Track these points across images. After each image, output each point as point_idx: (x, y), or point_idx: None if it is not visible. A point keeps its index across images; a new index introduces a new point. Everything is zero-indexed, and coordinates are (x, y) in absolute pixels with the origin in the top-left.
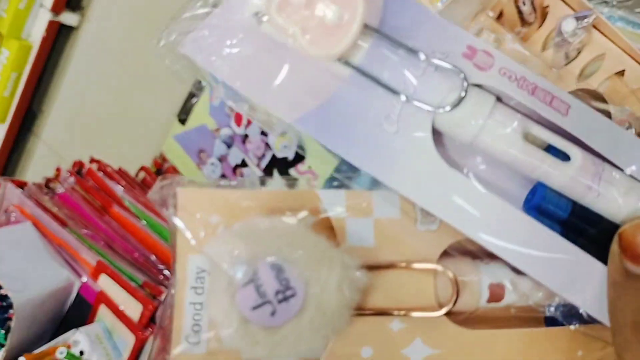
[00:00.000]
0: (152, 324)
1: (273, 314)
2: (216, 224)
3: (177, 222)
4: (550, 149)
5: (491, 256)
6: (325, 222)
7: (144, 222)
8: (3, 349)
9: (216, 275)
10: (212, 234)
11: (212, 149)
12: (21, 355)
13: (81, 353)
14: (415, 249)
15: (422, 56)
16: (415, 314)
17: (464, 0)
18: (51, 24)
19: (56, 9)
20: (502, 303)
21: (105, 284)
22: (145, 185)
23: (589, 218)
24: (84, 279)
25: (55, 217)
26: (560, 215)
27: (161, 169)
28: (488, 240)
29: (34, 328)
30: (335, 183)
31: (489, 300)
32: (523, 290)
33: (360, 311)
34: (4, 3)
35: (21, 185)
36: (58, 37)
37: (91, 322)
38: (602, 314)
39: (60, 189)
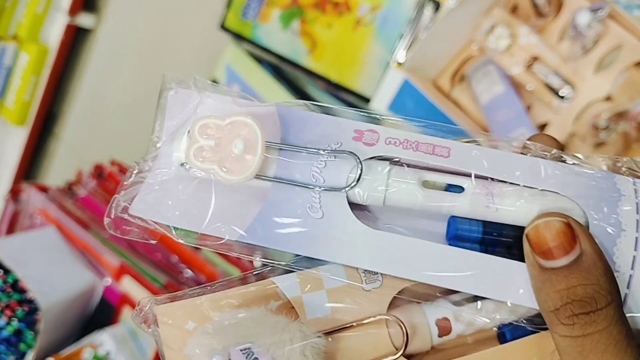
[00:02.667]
0: None
1: None
2: (193, 330)
3: (160, 335)
4: (448, 187)
5: (433, 297)
6: (286, 304)
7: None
8: (33, 350)
9: None
10: (190, 336)
11: None
12: (49, 356)
13: (107, 354)
14: (366, 308)
15: (321, 151)
16: None
17: None
18: (68, 27)
19: (73, 12)
20: (453, 334)
21: (128, 285)
22: None
23: (498, 230)
24: (108, 280)
25: (78, 220)
26: (475, 237)
27: None
28: (425, 277)
29: (61, 330)
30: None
31: (440, 335)
32: (466, 318)
33: None
34: (22, 8)
35: (44, 189)
36: (75, 40)
37: (115, 323)
38: (534, 304)
39: (82, 192)
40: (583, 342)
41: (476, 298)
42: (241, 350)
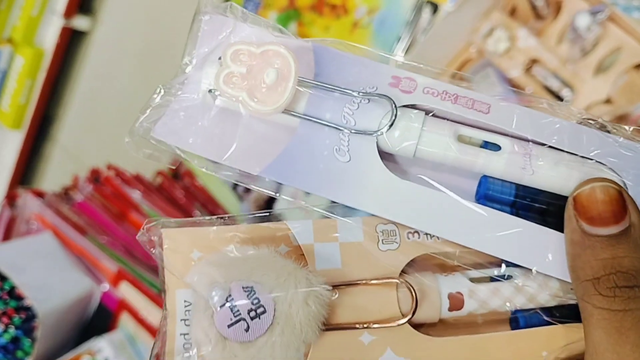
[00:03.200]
0: None
1: (247, 329)
2: (198, 259)
3: (164, 260)
4: (484, 145)
5: (450, 269)
6: (296, 250)
7: None
8: (30, 358)
9: (197, 301)
10: (194, 266)
11: None
12: None
13: None
14: (378, 268)
15: (355, 93)
16: (377, 325)
17: None
18: (64, 30)
19: (68, 14)
20: (464, 311)
21: (126, 290)
22: (162, 190)
23: (532, 195)
24: (105, 286)
25: (75, 225)
26: (507, 199)
27: (177, 172)
28: (448, 233)
29: (58, 336)
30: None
31: (451, 309)
32: (481, 297)
33: (330, 326)
34: (17, 10)
35: (40, 194)
36: (71, 42)
37: (113, 329)
38: (561, 274)
39: (78, 197)
40: (623, 317)
41: (493, 280)
42: (243, 287)
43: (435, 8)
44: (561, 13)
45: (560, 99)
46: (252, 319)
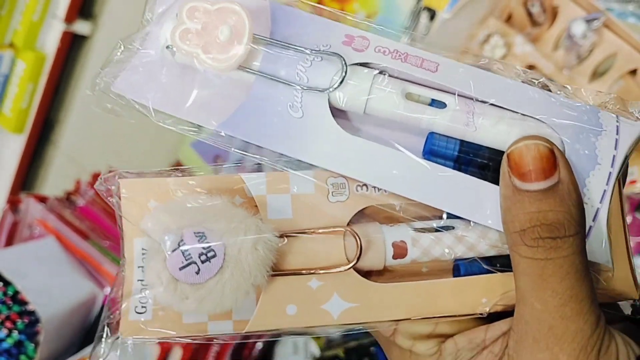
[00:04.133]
0: None
1: (198, 272)
2: (154, 208)
3: (122, 209)
4: (432, 103)
5: (395, 221)
6: (251, 202)
7: None
8: None
9: (151, 246)
10: (149, 213)
11: (227, 154)
12: None
13: None
14: (328, 218)
15: (307, 51)
16: (323, 271)
17: (471, 5)
18: (65, 34)
19: (69, 19)
20: (407, 259)
21: None
22: None
23: (475, 150)
24: (108, 290)
25: (77, 230)
26: (450, 154)
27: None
28: (395, 186)
29: (61, 341)
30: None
31: (395, 257)
32: (424, 245)
33: (279, 271)
34: (18, 15)
35: (43, 199)
36: (72, 47)
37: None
38: (498, 225)
39: (80, 202)
40: (545, 265)
41: (437, 230)
42: (195, 232)
43: (432, 14)
44: (557, 20)
45: None
46: (202, 262)
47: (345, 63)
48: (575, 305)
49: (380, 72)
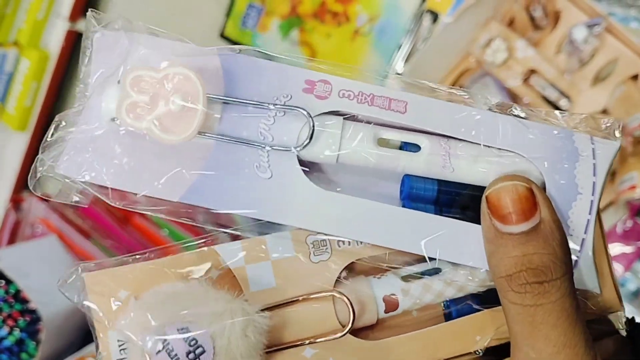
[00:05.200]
0: None
1: None
2: (126, 298)
3: (90, 304)
4: (404, 145)
5: (381, 271)
6: (228, 274)
7: (166, 230)
8: None
9: (131, 348)
10: (123, 308)
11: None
12: None
13: None
14: (313, 280)
15: (271, 106)
16: (319, 340)
17: (473, 9)
18: (69, 33)
19: (73, 18)
20: (399, 310)
21: None
22: None
23: (454, 189)
24: None
25: (79, 229)
26: (430, 195)
27: None
28: (377, 239)
29: (62, 339)
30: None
31: (387, 311)
32: (414, 295)
33: (272, 347)
34: (23, 14)
35: (45, 198)
36: (76, 46)
37: None
38: (484, 265)
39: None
40: (535, 312)
41: (423, 274)
42: (178, 329)
43: (435, 17)
44: (559, 24)
45: (558, 109)
46: None
47: (312, 118)
48: (570, 351)
49: (347, 118)
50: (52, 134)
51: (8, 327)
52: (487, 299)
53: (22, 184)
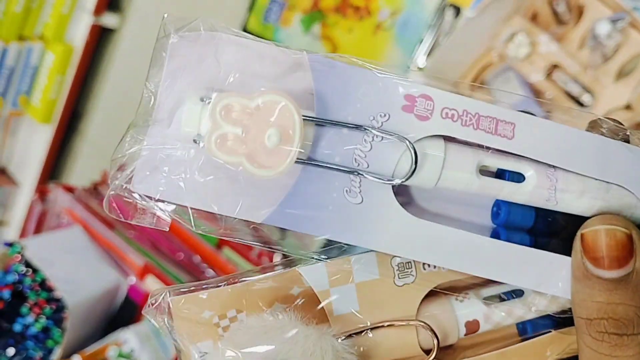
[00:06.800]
0: None
1: None
2: (209, 317)
3: (175, 330)
4: (507, 174)
5: (465, 293)
6: (312, 299)
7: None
8: (60, 347)
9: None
10: (206, 329)
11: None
12: (75, 353)
13: (131, 351)
14: (397, 304)
15: (367, 130)
16: None
17: (496, 4)
18: (93, 27)
19: (97, 12)
20: (479, 332)
21: (152, 284)
22: None
23: (552, 220)
24: (132, 279)
25: (104, 220)
26: (526, 224)
27: None
28: (464, 267)
29: (86, 327)
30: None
31: (467, 334)
32: (495, 320)
33: None
34: (48, 8)
35: (70, 189)
36: (100, 40)
37: (139, 321)
38: (569, 295)
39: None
40: None
41: (505, 296)
42: None
43: (458, 11)
44: (583, 18)
45: (580, 104)
46: None
47: (415, 151)
48: None
49: (449, 139)
50: (127, 150)
51: (34, 314)
52: (564, 322)
53: (47, 175)
